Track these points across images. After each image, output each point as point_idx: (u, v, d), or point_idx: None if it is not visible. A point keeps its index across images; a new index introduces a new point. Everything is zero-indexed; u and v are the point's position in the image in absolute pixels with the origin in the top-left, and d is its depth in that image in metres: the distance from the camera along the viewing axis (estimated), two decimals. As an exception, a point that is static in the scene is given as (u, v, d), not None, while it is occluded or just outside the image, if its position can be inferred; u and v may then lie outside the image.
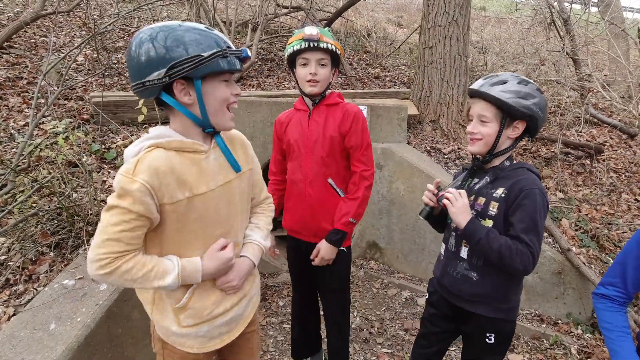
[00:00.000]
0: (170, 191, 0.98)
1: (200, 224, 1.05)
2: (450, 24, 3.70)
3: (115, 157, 2.62)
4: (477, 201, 1.33)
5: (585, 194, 3.65)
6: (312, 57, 1.57)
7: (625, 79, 5.15)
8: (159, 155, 0.98)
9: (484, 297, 1.34)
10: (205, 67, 0.96)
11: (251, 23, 4.87)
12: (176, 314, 1.09)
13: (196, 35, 0.96)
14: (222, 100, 1.03)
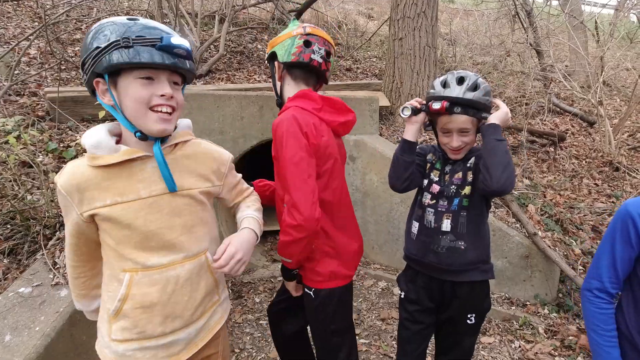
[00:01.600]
0: (88, 198, 0.92)
1: (129, 232, 0.94)
2: (419, 15, 3.73)
3: (74, 156, 2.47)
4: (454, 176, 1.39)
5: (550, 180, 3.80)
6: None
7: (584, 69, 5.39)
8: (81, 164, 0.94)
9: (474, 262, 1.36)
10: (103, 59, 0.84)
11: (218, 14, 4.73)
12: (110, 322, 0.98)
13: (105, 28, 0.86)
14: (139, 101, 0.88)
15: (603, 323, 1.11)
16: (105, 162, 0.91)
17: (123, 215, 0.93)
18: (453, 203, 1.37)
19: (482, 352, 2.35)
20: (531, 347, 2.35)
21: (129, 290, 0.95)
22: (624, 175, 3.94)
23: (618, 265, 1.09)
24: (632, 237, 1.04)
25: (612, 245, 1.09)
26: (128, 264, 0.96)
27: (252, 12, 5.79)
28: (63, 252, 1.80)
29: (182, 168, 1.01)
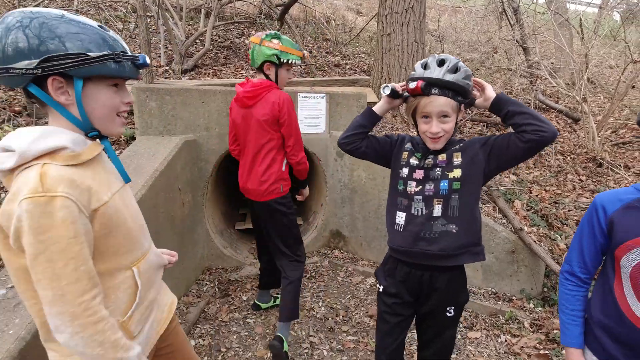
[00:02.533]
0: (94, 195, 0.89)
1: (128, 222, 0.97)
2: (407, 11, 3.71)
3: (53, 153, 2.39)
4: (437, 160, 1.36)
5: (536, 175, 3.84)
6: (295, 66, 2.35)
7: (569, 67, 5.46)
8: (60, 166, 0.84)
9: (466, 245, 1.35)
10: (90, 68, 0.86)
11: (204, 8, 4.64)
12: (126, 326, 0.97)
13: (85, 30, 0.87)
14: (110, 108, 0.93)
15: (569, 303, 1.20)
16: (88, 156, 0.90)
17: (119, 207, 0.95)
18: (440, 186, 1.34)
19: (469, 347, 2.37)
20: (517, 341, 2.38)
21: (141, 279, 1.00)
22: (607, 171, 4.01)
23: (585, 253, 1.17)
24: (595, 225, 1.12)
25: (581, 233, 1.18)
26: (132, 257, 0.99)
27: (239, 7, 5.70)
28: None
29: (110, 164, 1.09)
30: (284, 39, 2.06)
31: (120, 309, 0.96)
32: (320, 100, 3.02)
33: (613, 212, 1.07)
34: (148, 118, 2.68)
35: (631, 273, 1.02)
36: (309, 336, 2.43)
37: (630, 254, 1.02)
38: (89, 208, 0.85)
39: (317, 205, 3.43)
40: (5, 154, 0.83)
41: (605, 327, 1.10)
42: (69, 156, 0.86)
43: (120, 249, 0.95)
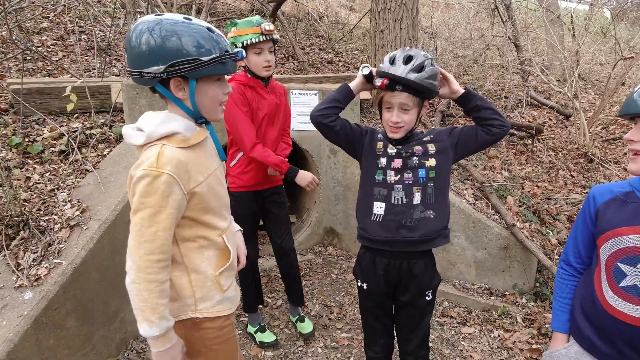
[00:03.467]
0: (193, 176, 1.07)
1: (217, 199, 1.15)
2: (399, 7, 3.69)
3: (41, 151, 2.35)
4: (414, 149, 1.42)
5: (528, 171, 3.87)
6: (265, 47, 1.91)
7: (560, 63, 5.50)
8: (173, 148, 1.05)
9: (440, 229, 1.43)
10: (203, 70, 1.02)
11: (195, 4, 4.58)
12: (217, 281, 1.16)
13: (198, 37, 1.02)
14: (215, 100, 1.10)
15: (561, 291, 1.28)
16: (195, 140, 1.08)
17: (213, 185, 1.13)
18: (419, 175, 1.40)
19: (462, 343, 2.38)
20: (510, 336, 2.40)
21: (230, 245, 1.18)
22: (598, 167, 4.06)
23: (579, 241, 1.22)
24: (586, 214, 1.18)
25: (576, 223, 1.23)
26: (221, 228, 1.16)
27: (230, 3, 5.64)
28: (27, 252, 1.71)
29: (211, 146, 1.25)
30: (240, 22, 1.88)
31: (212, 265, 1.15)
32: (313, 97, 3.01)
33: (601, 203, 1.13)
34: (138, 115, 2.59)
35: (606, 261, 1.08)
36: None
37: (608, 243, 1.07)
38: (187, 187, 1.04)
39: (311, 203, 3.41)
40: (138, 132, 1.05)
41: (583, 310, 1.17)
42: (181, 140, 1.05)
43: (213, 218, 1.14)
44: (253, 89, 2.01)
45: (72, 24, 3.93)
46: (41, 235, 1.77)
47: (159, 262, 1.01)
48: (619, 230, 1.05)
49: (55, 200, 2.00)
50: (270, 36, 1.89)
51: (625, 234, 1.04)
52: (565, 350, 1.21)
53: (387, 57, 1.35)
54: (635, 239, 1.02)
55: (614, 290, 1.06)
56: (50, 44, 3.61)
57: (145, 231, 0.99)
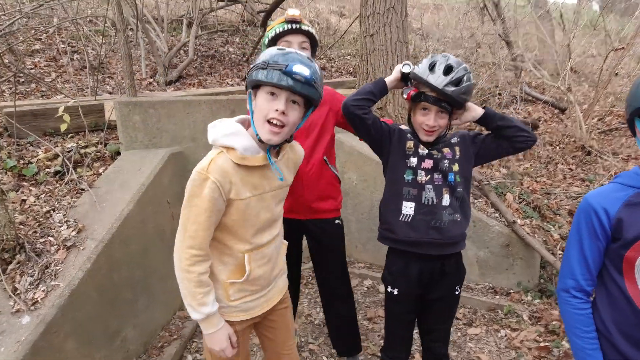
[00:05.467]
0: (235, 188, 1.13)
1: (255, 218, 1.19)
2: (388, 10, 3.71)
3: (36, 173, 2.34)
4: (443, 152, 1.43)
5: (526, 167, 3.86)
6: (294, 40, 1.61)
7: (552, 58, 5.51)
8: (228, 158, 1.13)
9: (464, 233, 1.47)
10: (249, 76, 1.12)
11: (186, 18, 4.61)
12: (226, 288, 1.21)
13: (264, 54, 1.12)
14: (261, 112, 1.11)
15: (583, 325, 1.07)
16: (251, 163, 1.14)
17: (254, 206, 1.17)
18: (448, 177, 1.41)
19: (469, 344, 2.35)
20: (517, 335, 2.36)
21: (250, 266, 1.21)
22: (596, 159, 4.04)
23: (589, 260, 1.06)
24: (597, 228, 1.03)
25: (579, 240, 1.07)
26: (246, 246, 1.20)
27: (221, 15, 5.68)
28: (24, 276, 1.69)
29: (288, 167, 1.30)
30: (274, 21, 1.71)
31: (226, 274, 1.21)
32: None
33: (616, 211, 1.00)
34: (132, 132, 2.64)
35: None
36: (308, 343, 2.39)
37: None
38: (228, 195, 1.11)
39: (310, 210, 3.40)
40: (212, 130, 1.15)
41: (626, 336, 1.01)
42: (237, 156, 1.12)
43: (242, 235, 1.19)
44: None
45: (64, 44, 3.96)
46: (37, 258, 1.76)
47: (196, 256, 1.12)
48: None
49: (51, 221, 1.99)
50: (298, 26, 1.59)
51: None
52: None
53: (427, 61, 1.32)
54: None
55: None
56: (43, 65, 3.63)
57: (189, 227, 1.10)
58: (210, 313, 1.16)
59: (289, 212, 1.76)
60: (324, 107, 1.75)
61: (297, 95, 1.10)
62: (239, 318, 1.26)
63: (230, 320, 1.24)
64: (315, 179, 1.74)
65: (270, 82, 1.06)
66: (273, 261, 1.31)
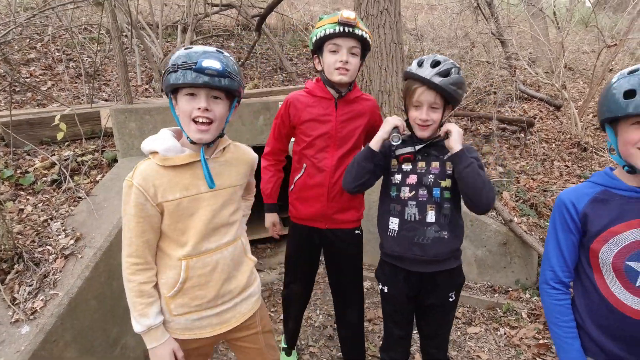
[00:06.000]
0: (161, 191, 1.11)
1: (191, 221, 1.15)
2: (381, 12, 3.73)
3: (33, 182, 2.35)
4: (430, 166, 1.41)
5: (522, 165, 3.88)
6: (344, 44, 1.51)
7: (546, 56, 5.54)
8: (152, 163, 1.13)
9: (455, 250, 1.44)
10: (165, 82, 1.10)
11: (180, 24, 4.63)
12: (167, 303, 1.17)
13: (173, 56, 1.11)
14: (184, 114, 1.10)
15: (561, 315, 1.14)
16: (174, 162, 1.12)
17: (187, 208, 1.14)
18: (433, 193, 1.40)
19: (469, 343, 2.36)
20: (516, 333, 2.38)
21: (187, 274, 1.15)
22: (592, 155, 4.06)
23: (565, 253, 1.13)
24: (569, 222, 1.11)
25: (555, 235, 1.15)
26: (184, 252, 1.15)
27: (216, 20, 5.70)
28: (23, 286, 1.70)
29: (232, 167, 1.25)
30: (326, 16, 1.55)
31: (166, 286, 1.16)
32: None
33: (583, 206, 1.09)
34: (129, 139, 2.64)
35: (612, 264, 1.03)
36: (308, 346, 2.40)
37: (608, 245, 1.04)
38: (155, 199, 1.09)
39: (308, 213, 3.41)
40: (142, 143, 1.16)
41: (599, 325, 1.07)
42: (160, 158, 1.11)
43: (177, 240, 1.15)
44: (317, 99, 1.63)
45: (59, 52, 3.96)
46: (36, 267, 1.76)
47: (135, 265, 1.11)
48: (614, 229, 1.03)
49: (49, 230, 2.00)
50: (352, 29, 1.46)
51: (622, 231, 1.02)
52: None
53: (416, 60, 1.38)
54: (634, 233, 1.01)
55: (632, 291, 1.01)
56: (38, 73, 3.64)
57: (125, 235, 1.11)
58: (151, 325, 1.11)
59: (309, 220, 1.76)
60: (363, 119, 1.66)
61: (216, 90, 1.10)
62: (184, 336, 1.20)
63: (175, 337, 1.19)
64: (340, 190, 1.66)
65: (185, 83, 1.05)
66: (223, 273, 1.21)
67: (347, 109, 1.64)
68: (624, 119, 1.00)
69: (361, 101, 1.68)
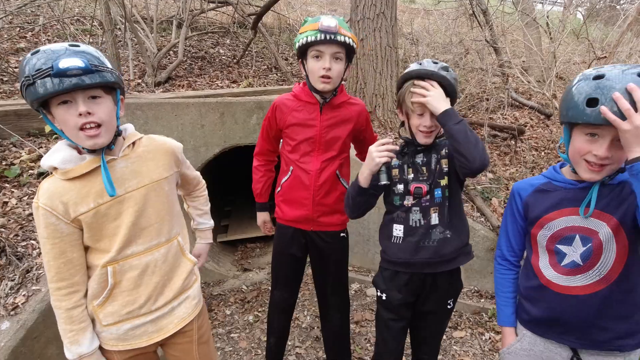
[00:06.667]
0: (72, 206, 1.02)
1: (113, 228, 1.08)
2: (378, 16, 3.75)
3: (19, 174, 2.30)
4: (430, 168, 1.41)
5: (512, 172, 3.92)
6: (327, 50, 1.48)
7: (538, 65, 5.63)
8: (55, 179, 1.04)
9: (462, 247, 1.43)
10: (26, 97, 0.95)
11: (176, 19, 4.58)
12: (96, 312, 1.10)
13: (23, 65, 0.96)
14: (68, 126, 0.98)
15: (502, 286, 1.33)
16: (77, 173, 1.02)
17: (104, 216, 1.06)
18: (435, 195, 1.39)
19: (454, 347, 2.38)
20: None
21: (115, 279, 1.09)
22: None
23: (510, 235, 1.30)
24: (514, 211, 1.26)
25: (505, 219, 1.31)
26: (107, 258, 1.07)
27: (212, 17, 5.66)
28: (4, 281, 1.66)
29: (148, 161, 1.14)
30: (310, 19, 1.53)
31: (92, 296, 1.10)
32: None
33: (526, 196, 1.22)
34: (119, 134, 2.61)
35: (546, 246, 1.17)
36: (295, 347, 2.39)
37: (544, 230, 1.17)
38: (68, 216, 1.01)
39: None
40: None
41: (528, 294, 1.23)
42: (61, 172, 1.02)
43: (99, 248, 1.07)
44: (302, 104, 1.64)
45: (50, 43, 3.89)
46: (19, 262, 1.73)
47: (59, 289, 1.04)
48: (548, 216, 1.15)
49: (33, 224, 1.96)
50: (333, 36, 1.44)
51: (555, 218, 1.14)
52: (519, 344, 1.26)
53: (413, 63, 1.37)
54: (564, 220, 1.13)
55: (557, 269, 1.14)
56: (28, 64, 3.57)
57: (44, 260, 1.04)
58: (83, 354, 1.05)
59: (295, 222, 1.76)
60: (349, 124, 1.66)
61: (90, 90, 0.97)
62: (117, 348, 1.13)
63: (108, 349, 1.12)
64: (325, 194, 1.69)
65: (50, 93, 0.91)
66: (155, 276, 1.14)
67: (332, 114, 1.64)
68: (581, 126, 1.03)
69: (347, 106, 1.67)
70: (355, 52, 1.57)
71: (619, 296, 1.08)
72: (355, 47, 1.53)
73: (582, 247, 1.10)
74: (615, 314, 1.09)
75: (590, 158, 1.03)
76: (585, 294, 1.10)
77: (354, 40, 1.50)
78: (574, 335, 1.14)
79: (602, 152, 1.00)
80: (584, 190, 1.10)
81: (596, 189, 1.07)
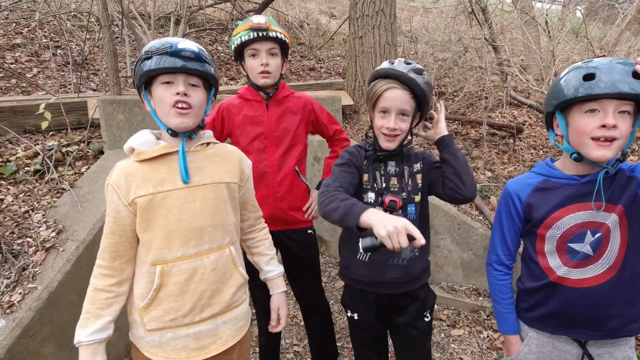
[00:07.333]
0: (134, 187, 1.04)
1: (165, 220, 1.06)
2: (377, 13, 3.74)
3: (15, 171, 2.28)
4: (403, 182, 1.31)
5: (510, 170, 3.93)
6: (262, 48, 1.57)
7: (537, 63, 5.63)
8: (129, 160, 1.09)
9: (427, 265, 1.40)
10: (137, 72, 1.06)
11: (174, 16, 4.55)
12: (141, 315, 1.09)
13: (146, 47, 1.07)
14: (163, 101, 1.06)
15: (502, 293, 1.27)
16: (148, 155, 1.06)
17: (161, 204, 1.05)
18: (409, 211, 1.30)
19: (452, 345, 2.38)
20: (499, 336, 2.41)
21: (161, 280, 1.06)
22: (578, 163, 4.13)
23: (507, 238, 1.25)
24: (512, 212, 1.21)
25: (500, 222, 1.25)
26: (157, 256, 1.06)
27: (210, 13, 5.62)
28: (0, 278, 1.65)
29: (214, 163, 1.16)
30: (241, 22, 1.62)
31: (140, 296, 1.08)
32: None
33: (526, 196, 1.17)
34: (116, 131, 2.59)
35: (557, 245, 1.14)
36: (292, 345, 2.39)
37: (552, 230, 1.13)
38: (127, 198, 1.03)
39: (297, 211, 3.40)
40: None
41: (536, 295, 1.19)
42: (136, 153, 1.07)
43: (153, 242, 1.06)
44: (249, 102, 1.68)
45: (46, 39, 3.86)
46: (15, 260, 1.72)
47: (99, 267, 1.07)
48: (555, 216, 1.12)
49: (29, 222, 1.94)
50: (265, 33, 1.53)
51: (562, 216, 1.11)
52: (527, 348, 1.22)
53: (386, 61, 1.30)
54: (572, 218, 1.10)
55: (569, 264, 1.12)
56: (24, 60, 3.53)
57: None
58: (81, 341, 1.02)
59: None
60: (297, 116, 1.70)
61: (193, 77, 1.06)
62: (157, 357, 1.09)
63: (148, 357, 1.09)
64: (287, 190, 1.69)
65: (161, 68, 1.01)
66: (202, 284, 1.09)
67: (278, 108, 1.68)
68: (577, 106, 1.02)
69: (292, 99, 1.72)
70: (289, 48, 1.66)
71: (626, 282, 1.08)
72: (288, 43, 1.61)
73: (592, 237, 1.09)
74: (623, 300, 1.09)
75: (597, 133, 0.99)
76: (598, 284, 1.09)
77: (286, 35, 1.60)
78: (585, 327, 1.12)
79: (611, 120, 0.97)
80: (587, 184, 1.08)
81: (601, 179, 1.06)
